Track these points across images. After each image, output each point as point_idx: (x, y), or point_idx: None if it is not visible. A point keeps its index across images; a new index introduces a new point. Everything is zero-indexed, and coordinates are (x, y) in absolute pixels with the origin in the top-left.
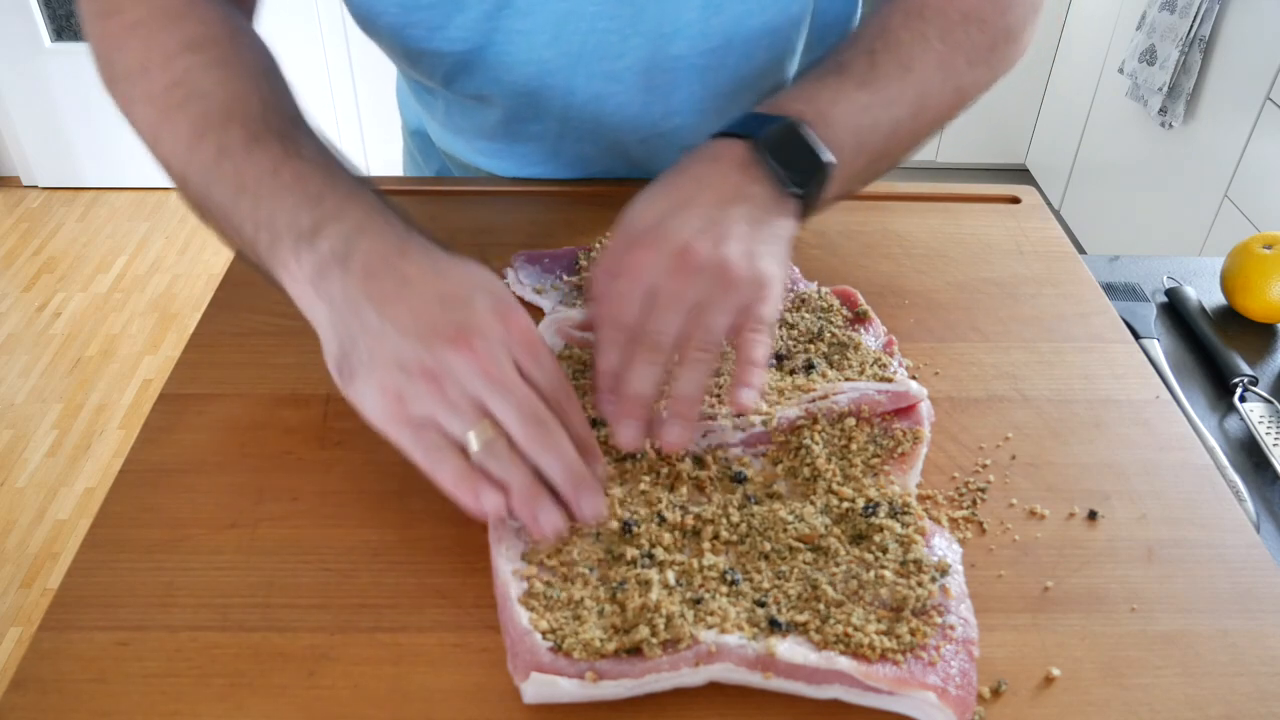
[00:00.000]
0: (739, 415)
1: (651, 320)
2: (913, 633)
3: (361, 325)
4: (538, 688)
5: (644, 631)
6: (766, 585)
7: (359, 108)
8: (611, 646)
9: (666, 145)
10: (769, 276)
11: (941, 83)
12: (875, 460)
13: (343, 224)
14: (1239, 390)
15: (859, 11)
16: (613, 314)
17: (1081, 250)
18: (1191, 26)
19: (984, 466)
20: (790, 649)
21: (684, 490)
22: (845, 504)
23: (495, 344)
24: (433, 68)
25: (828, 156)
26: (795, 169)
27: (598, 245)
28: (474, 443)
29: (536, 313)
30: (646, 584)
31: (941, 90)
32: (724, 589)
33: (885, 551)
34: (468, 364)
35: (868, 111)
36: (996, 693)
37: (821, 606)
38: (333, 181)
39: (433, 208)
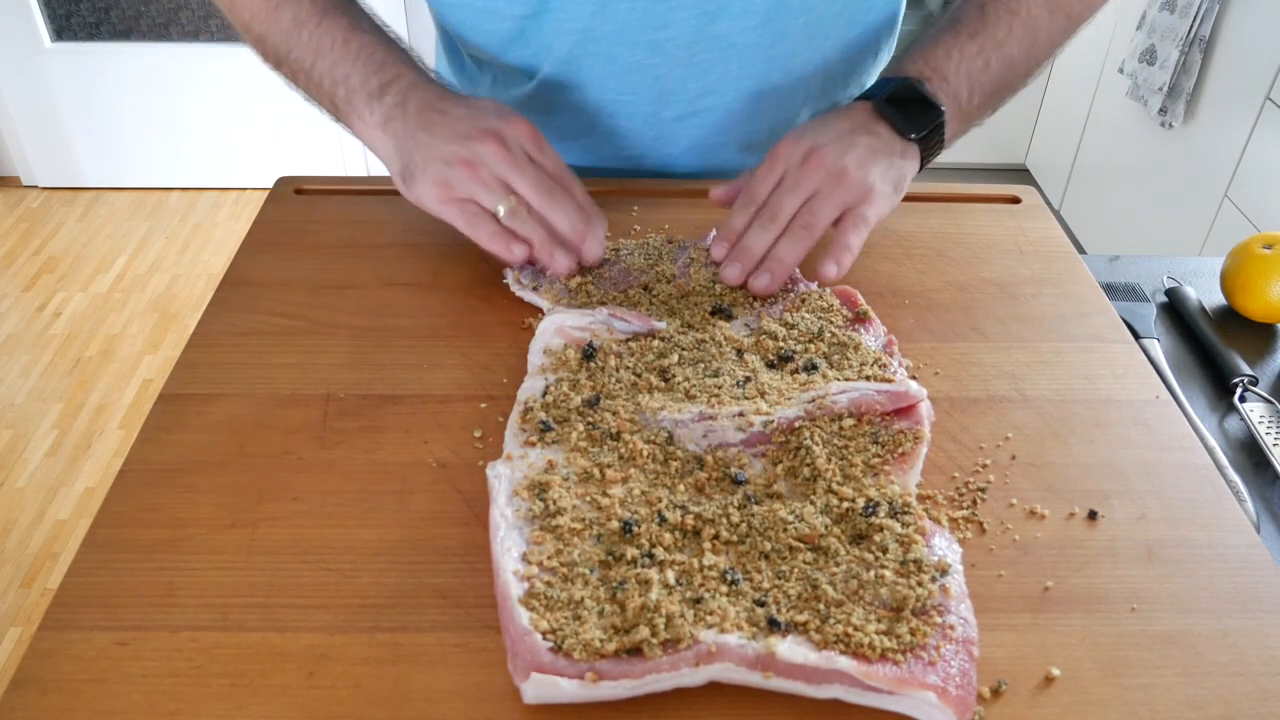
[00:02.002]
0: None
1: (774, 197)
2: (913, 633)
3: (415, 144)
4: (538, 688)
5: (644, 631)
6: (766, 585)
7: None
8: (611, 646)
9: (700, 125)
10: (875, 187)
11: (1049, 15)
12: (875, 460)
13: (401, 83)
14: (1239, 390)
15: (901, 12)
16: (747, 191)
17: (1081, 250)
18: (1191, 26)
19: (984, 466)
20: (790, 649)
21: (684, 490)
22: (845, 504)
23: (510, 138)
24: (490, 33)
25: (940, 106)
26: (912, 120)
27: None
28: (503, 209)
29: (537, 312)
30: (646, 584)
31: (1051, 21)
32: (724, 589)
33: (885, 551)
34: (493, 153)
35: (980, 55)
36: (996, 693)
37: (821, 606)
38: (391, 50)
39: None
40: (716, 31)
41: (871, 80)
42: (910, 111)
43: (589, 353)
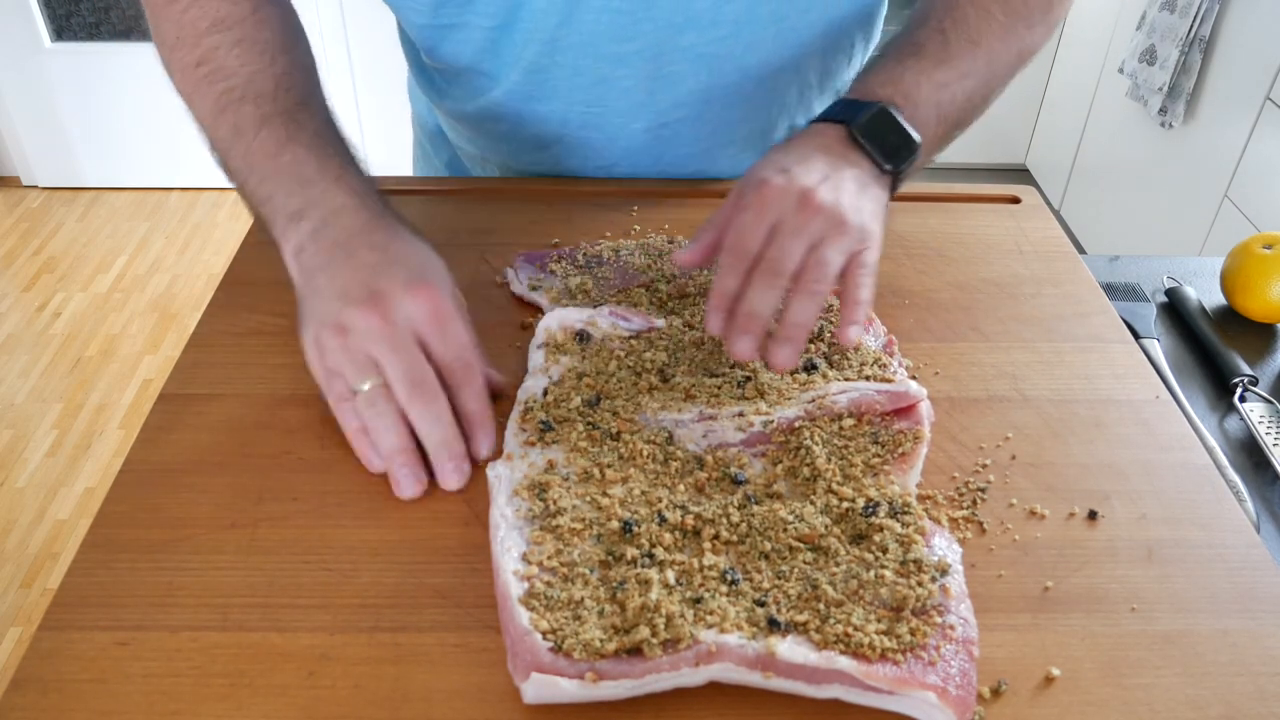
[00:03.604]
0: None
1: (773, 248)
2: (913, 633)
3: (311, 289)
4: (538, 688)
5: (644, 631)
6: (766, 585)
7: (359, 109)
8: (612, 646)
9: (672, 136)
10: (873, 230)
11: (1005, 50)
12: (875, 460)
13: (323, 208)
14: (1239, 390)
15: (883, 11)
16: (737, 242)
17: (1081, 250)
18: (1191, 26)
19: (984, 466)
20: (790, 649)
21: (684, 490)
22: (845, 504)
23: (398, 311)
24: (462, 43)
25: (916, 137)
26: (889, 149)
27: (599, 244)
28: (365, 388)
29: (537, 312)
30: (646, 584)
31: (1006, 56)
32: (724, 589)
33: (885, 551)
34: (369, 324)
35: (945, 88)
36: (996, 693)
37: (821, 606)
38: (324, 167)
39: (433, 208)
40: (685, 43)
41: (846, 82)
42: (888, 142)
43: (584, 336)
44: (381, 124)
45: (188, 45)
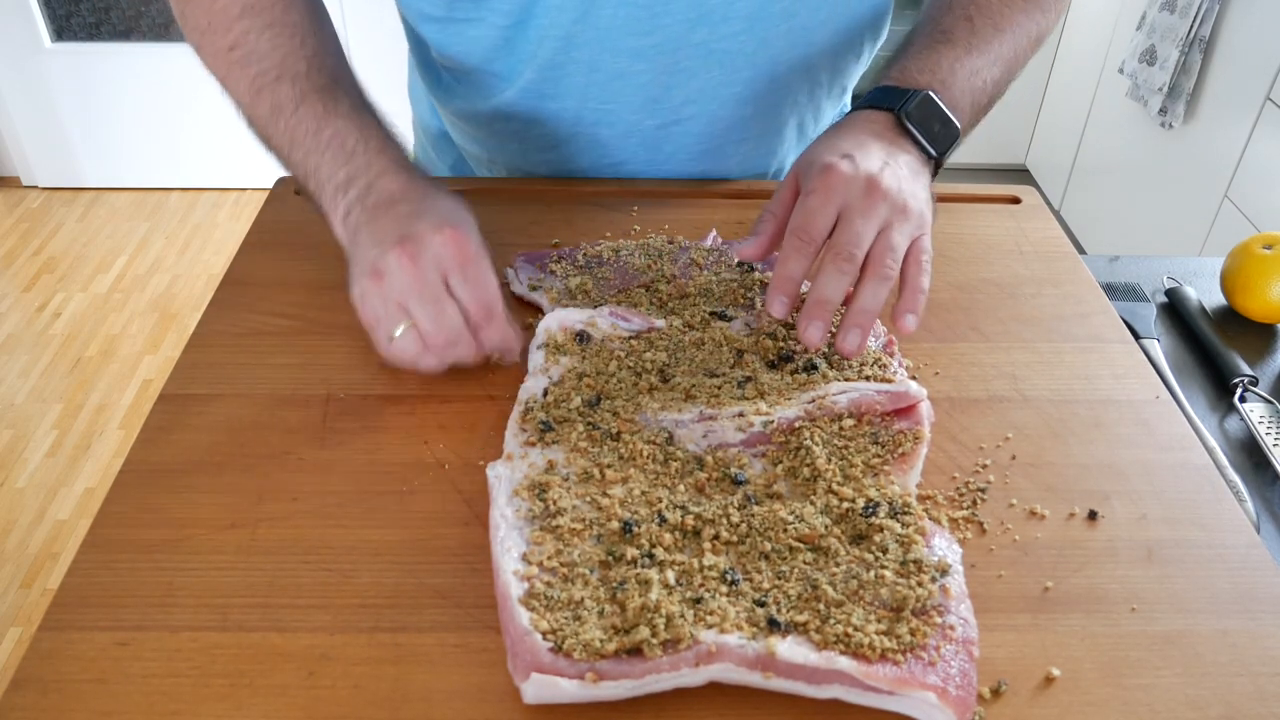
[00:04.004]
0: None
1: (846, 232)
2: (913, 633)
3: (354, 245)
4: (538, 688)
5: (644, 632)
6: (766, 585)
7: None
8: (612, 647)
9: (683, 133)
10: (928, 216)
11: (1025, 35)
12: (875, 460)
13: (368, 175)
14: (1239, 390)
15: (890, 13)
16: (804, 225)
17: (1081, 250)
18: (1191, 27)
19: (984, 466)
20: (790, 649)
21: (684, 490)
22: (845, 504)
23: (426, 253)
24: (475, 41)
25: (958, 123)
26: (933, 136)
27: (599, 244)
28: (397, 333)
29: (537, 312)
30: (646, 584)
31: (1026, 41)
32: (724, 589)
33: (885, 551)
34: (399, 265)
35: (977, 75)
36: (996, 693)
37: (821, 606)
38: (364, 138)
39: None
40: (698, 39)
41: (854, 82)
42: (932, 128)
43: (584, 336)
44: None
45: (219, 31)
